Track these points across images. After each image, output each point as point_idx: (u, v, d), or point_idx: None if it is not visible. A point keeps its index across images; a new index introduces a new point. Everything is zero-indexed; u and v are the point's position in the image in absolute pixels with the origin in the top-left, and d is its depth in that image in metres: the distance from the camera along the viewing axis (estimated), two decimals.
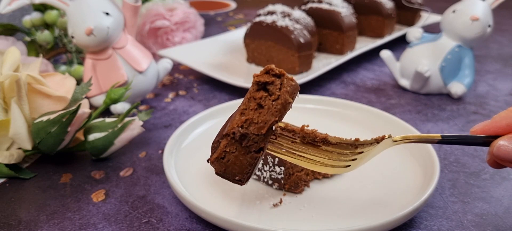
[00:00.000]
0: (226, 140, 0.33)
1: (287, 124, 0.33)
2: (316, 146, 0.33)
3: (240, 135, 0.32)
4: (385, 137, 0.34)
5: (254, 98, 0.32)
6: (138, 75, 0.60)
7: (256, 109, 0.32)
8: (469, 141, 0.34)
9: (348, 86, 0.74)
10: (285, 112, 0.33)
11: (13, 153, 0.48)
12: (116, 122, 0.50)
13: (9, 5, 0.55)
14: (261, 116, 0.32)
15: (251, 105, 0.33)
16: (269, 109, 0.32)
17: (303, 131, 0.33)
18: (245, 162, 0.33)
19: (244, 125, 0.32)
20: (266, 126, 0.32)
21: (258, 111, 0.32)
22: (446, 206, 0.43)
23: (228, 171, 0.34)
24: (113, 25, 0.56)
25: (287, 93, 0.32)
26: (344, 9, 0.81)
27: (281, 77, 0.32)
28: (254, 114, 0.32)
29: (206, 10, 1.30)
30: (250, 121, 0.32)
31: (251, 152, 0.33)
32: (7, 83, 0.48)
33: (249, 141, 0.32)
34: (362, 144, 0.33)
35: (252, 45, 0.77)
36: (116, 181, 0.47)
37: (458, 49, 0.65)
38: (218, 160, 0.33)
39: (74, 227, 0.40)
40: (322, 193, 0.43)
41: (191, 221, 0.41)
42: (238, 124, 0.32)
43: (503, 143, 0.32)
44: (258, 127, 0.32)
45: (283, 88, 0.32)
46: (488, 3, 0.64)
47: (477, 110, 0.64)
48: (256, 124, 0.32)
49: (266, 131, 0.32)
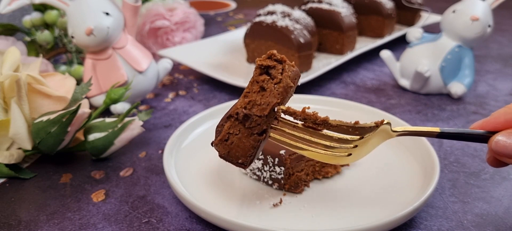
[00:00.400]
0: (230, 122, 0.34)
1: (288, 106, 0.34)
2: (317, 130, 0.34)
3: (243, 115, 0.33)
4: (384, 121, 0.34)
5: (257, 81, 0.34)
6: (138, 75, 0.60)
7: (259, 92, 0.34)
8: (467, 136, 0.35)
9: (348, 86, 0.74)
10: (287, 95, 0.34)
11: (13, 153, 0.48)
12: (116, 122, 0.50)
13: (9, 5, 0.55)
14: (264, 98, 0.33)
15: (254, 88, 0.34)
16: (271, 92, 0.33)
17: (304, 112, 0.33)
18: (248, 145, 0.34)
19: (247, 106, 0.33)
20: (268, 107, 0.33)
21: (261, 94, 0.34)
22: (446, 206, 0.43)
23: (232, 154, 0.34)
24: (113, 25, 0.56)
25: (288, 77, 0.34)
26: (344, 9, 0.81)
27: (283, 63, 0.34)
28: (257, 96, 0.34)
29: (206, 10, 1.30)
30: (253, 102, 0.33)
31: (254, 134, 0.34)
32: (7, 83, 0.48)
33: (252, 122, 0.33)
34: (362, 126, 0.34)
35: (252, 45, 0.77)
36: (116, 181, 0.47)
37: (458, 49, 0.65)
38: (221, 142, 0.34)
39: (74, 227, 0.40)
40: (322, 193, 0.43)
41: (191, 221, 0.41)
42: (242, 105, 0.33)
43: (500, 138, 0.32)
44: (260, 108, 0.33)
45: (285, 73, 0.34)
46: (488, 3, 0.64)
47: (477, 110, 0.64)
48: (259, 105, 0.33)
49: (269, 112, 0.33)
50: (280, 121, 0.34)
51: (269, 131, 0.34)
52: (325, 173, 0.45)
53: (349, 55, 0.79)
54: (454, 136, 0.35)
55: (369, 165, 0.47)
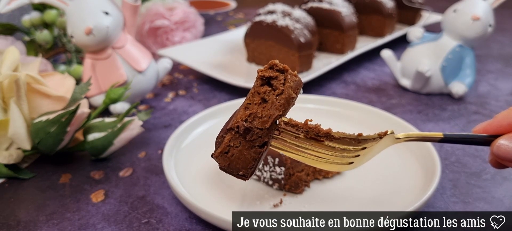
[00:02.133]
0: (230, 134, 0.33)
1: (290, 118, 0.33)
2: (319, 141, 0.33)
3: (244, 128, 0.32)
4: (388, 132, 0.34)
5: (258, 93, 0.33)
6: (138, 75, 0.59)
7: (260, 104, 0.33)
8: (471, 140, 0.35)
9: (348, 86, 0.73)
10: (288, 107, 0.33)
11: (12, 153, 0.48)
12: (116, 122, 0.50)
13: (8, 4, 0.55)
14: (265, 110, 0.33)
15: (255, 100, 0.33)
16: (273, 104, 0.32)
17: (306, 125, 0.33)
18: (249, 157, 0.33)
19: (248, 119, 0.33)
20: (270, 120, 0.32)
21: (262, 106, 0.33)
22: (447, 206, 0.43)
23: (232, 166, 0.34)
24: (112, 25, 0.56)
25: (290, 88, 0.33)
26: (345, 8, 0.81)
27: (285, 73, 0.33)
28: (258, 108, 0.33)
29: (206, 9, 1.30)
30: (254, 115, 0.33)
31: (255, 146, 0.33)
32: (6, 83, 0.47)
33: (253, 135, 0.33)
34: (365, 139, 0.33)
35: (252, 45, 0.77)
36: (116, 181, 0.47)
37: (459, 49, 0.65)
38: (222, 155, 0.34)
39: (73, 228, 0.40)
40: (322, 193, 0.43)
41: (191, 221, 0.41)
42: (242, 118, 0.33)
43: (503, 142, 0.32)
44: (262, 121, 0.32)
45: (287, 84, 0.33)
46: (489, 3, 0.64)
47: (478, 110, 0.64)
48: (260, 118, 0.32)
49: (270, 125, 0.32)
50: (282, 131, 0.34)
51: (270, 142, 0.34)
52: (325, 173, 0.45)
53: (349, 54, 0.79)
54: (457, 140, 0.35)
55: (370, 165, 0.47)
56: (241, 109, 0.33)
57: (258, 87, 0.33)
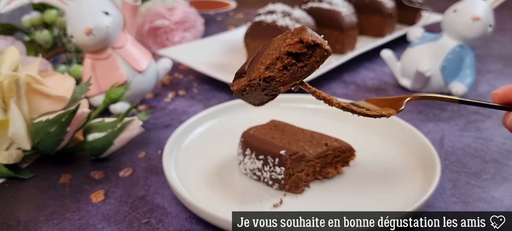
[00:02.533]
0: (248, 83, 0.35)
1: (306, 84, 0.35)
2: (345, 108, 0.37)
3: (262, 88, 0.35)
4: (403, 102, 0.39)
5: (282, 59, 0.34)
6: (138, 75, 0.59)
7: (281, 70, 0.34)
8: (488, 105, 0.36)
9: (348, 86, 0.73)
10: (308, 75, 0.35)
11: (12, 153, 0.48)
12: (116, 122, 0.50)
13: (8, 4, 0.55)
14: (285, 77, 0.34)
15: (278, 65, 0.34)
16: (293, 74, 0.34)
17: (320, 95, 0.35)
18: (261, 98, 0.37)
19: (267, 79, 0.34)
20: (287, 86, 0.35)
21: (282, 72, 0.34)
22: (447, 206, 0.43)
23: (245, 98, 0.38)
24: (112, 25, 0.56)
25: (315, 62, 0.34)
26: (345, 8, 0.81)
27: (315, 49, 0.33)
28: (278, 73, 0.34)
29: (206, 9, 1.30)
30: (272, 77, 0.34)
31: (269, 95, 0.37)
32: (6, 83, 0.47)
33: (269, 90, 0.35)
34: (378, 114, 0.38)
35: (252, 45, 0.77)
36: (116, 181, 0.47)
37: (459, 49, 0.65)
38: (238, 91, 0.36)
39: (73, 228, 0.40)
40: (323, 194, 0.43)
41: (191, 222, 0.41)
42: (262, 77, 0.34)
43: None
44: (279, 83, 0.34)
45: (313, 58, 0.33)
46: (489, 3, 0.64)
47: (478, 110, 0.64)
48: (278, 81, 0.34)
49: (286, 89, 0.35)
50: None
51: None
52: (325, 173, 0.45)
53: (349, 54, 0.79)
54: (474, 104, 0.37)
55: (370, 165, 0.47)
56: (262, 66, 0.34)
57: (283, 55, 0.33)
